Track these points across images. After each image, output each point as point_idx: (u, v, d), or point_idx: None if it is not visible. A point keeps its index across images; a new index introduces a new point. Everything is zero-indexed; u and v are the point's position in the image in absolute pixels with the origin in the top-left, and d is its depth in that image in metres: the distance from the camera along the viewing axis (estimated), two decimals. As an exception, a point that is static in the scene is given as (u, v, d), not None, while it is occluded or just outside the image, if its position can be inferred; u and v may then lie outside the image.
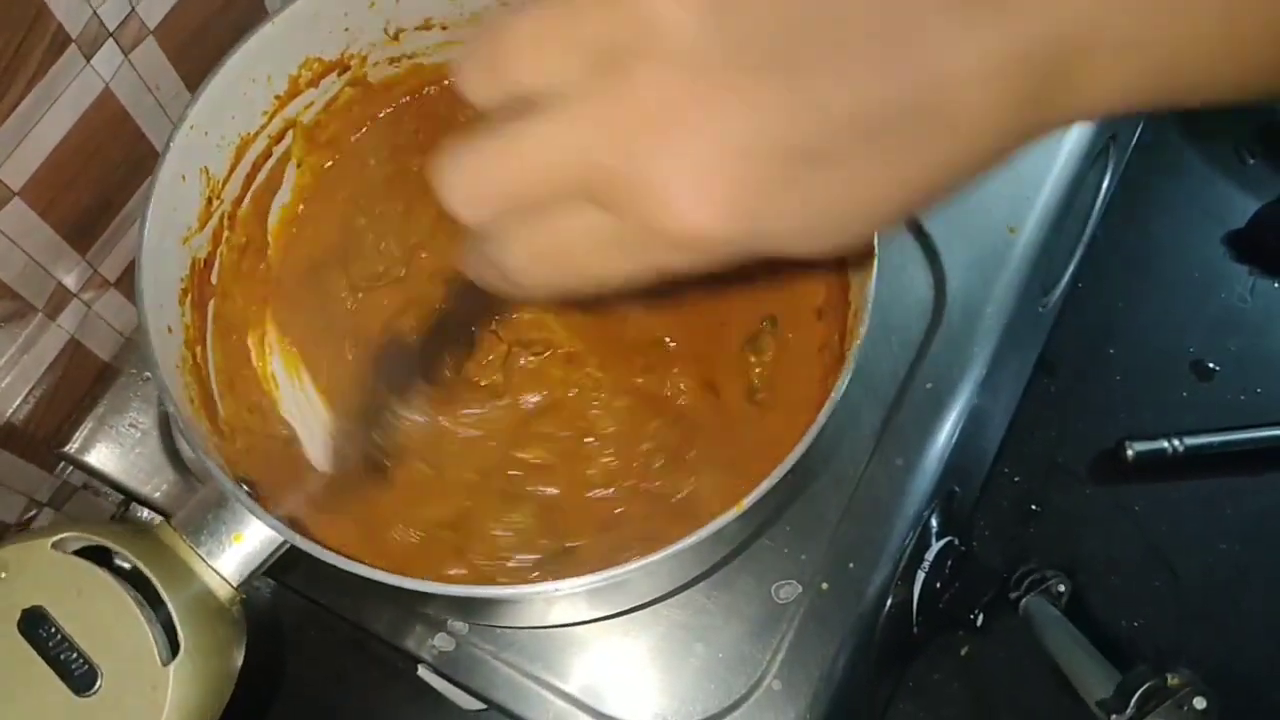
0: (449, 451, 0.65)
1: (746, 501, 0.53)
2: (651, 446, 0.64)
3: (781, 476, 0.53)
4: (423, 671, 0.71)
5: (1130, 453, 0.91)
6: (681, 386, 0.66)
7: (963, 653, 0.89)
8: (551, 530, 0.62)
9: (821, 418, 0.54)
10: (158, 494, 0.74)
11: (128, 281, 0.75)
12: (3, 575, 0.51)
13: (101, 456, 0.74)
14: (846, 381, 0.54)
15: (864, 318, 0.56)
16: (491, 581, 0.61)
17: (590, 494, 0.64)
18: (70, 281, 0.70)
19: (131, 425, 0.74)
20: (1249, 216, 0.99)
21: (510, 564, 0.61)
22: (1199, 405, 0.95)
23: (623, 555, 0.51)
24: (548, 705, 0.68)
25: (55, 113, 0.62)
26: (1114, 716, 0.75)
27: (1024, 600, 0.86)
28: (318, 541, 0.52)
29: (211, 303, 0.65)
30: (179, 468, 0.74)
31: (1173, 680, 0.77)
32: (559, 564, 0.61)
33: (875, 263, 0.57)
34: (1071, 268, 0.88)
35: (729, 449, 0.64)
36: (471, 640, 0.69)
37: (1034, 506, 0.93)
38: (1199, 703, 0.76)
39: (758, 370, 0.66)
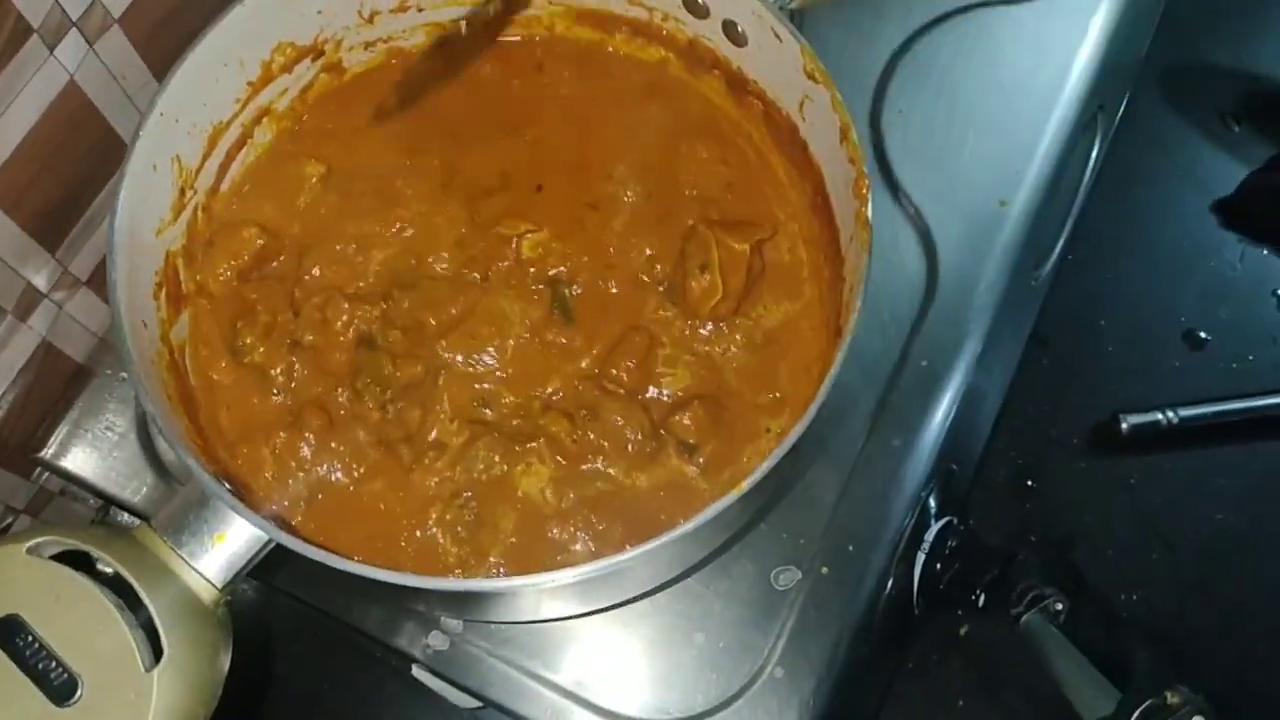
0: None
1: (746, 484, 0.52)
2: None
3: (781, 457, 0.52)
4: (417, 671, 0.69)
5: (1125, 425, 0.90)
6: None
7: (962, 633, 0.87)
8: None
9: (820, 396, 0.53)
10: (137, 497, 0.72)
11: (100, 280, 0.73)
12: (-24, 584, 0.49)
13: (78, 460, 0.72)
14: (843, 355, 0.53)
15: (860, 292, 0.54)
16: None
17: None
18: (40, 281, 0.68)
19: (108, 428, 0.72)
20: (1236, 184, 0.98)
21: None
22: (1192, 375, 0.94)
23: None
24: (546, 701, 0.67)
25: (18, 107, 0.60)
26: (1113, 733, 0.74)
27: (1023, 618, 0.85)
28: (304, 539, 0.50)
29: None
30: (159, 470, 0.72)
31: (1172, 699, 0.76)
32: None
33: (869, 235, 0.55)
34: (1062, 240, 0.87)
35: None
36: (466, 638, 0.67)
37: (1030, 482, 0.92)
38: (1198, 721, 0.75)
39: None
